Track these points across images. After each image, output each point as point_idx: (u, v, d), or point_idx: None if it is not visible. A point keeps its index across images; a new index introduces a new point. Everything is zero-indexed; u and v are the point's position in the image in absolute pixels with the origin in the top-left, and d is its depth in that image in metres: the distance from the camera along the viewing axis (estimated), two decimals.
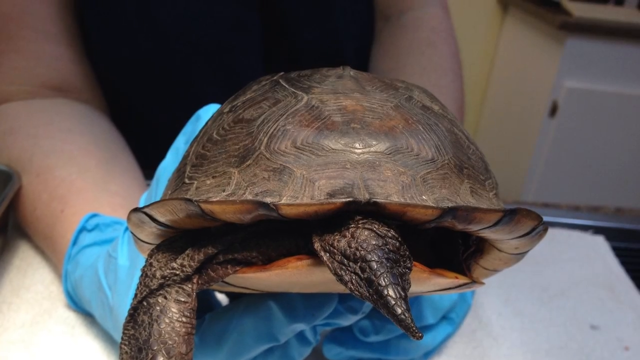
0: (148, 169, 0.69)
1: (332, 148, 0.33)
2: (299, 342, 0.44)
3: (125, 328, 0.37)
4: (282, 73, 0.42)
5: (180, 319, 0.36)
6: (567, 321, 0.66)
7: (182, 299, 0.37)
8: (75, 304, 0.58)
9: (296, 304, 0.40)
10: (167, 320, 0.36)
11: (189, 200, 0.32)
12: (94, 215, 0.58)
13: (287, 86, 0.38)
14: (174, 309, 0.36)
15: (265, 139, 0.34)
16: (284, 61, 0.85)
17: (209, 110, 0.48)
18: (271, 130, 0.35)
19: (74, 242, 0.58)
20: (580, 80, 2.04)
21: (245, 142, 0.35)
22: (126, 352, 0.37)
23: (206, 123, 0.41)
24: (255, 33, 0.81)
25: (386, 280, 0.29)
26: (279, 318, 0.40)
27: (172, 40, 0.77)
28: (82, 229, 0.58)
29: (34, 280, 0.63)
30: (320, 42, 0.85)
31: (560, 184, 2.18)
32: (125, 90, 0.82)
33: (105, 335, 0.57)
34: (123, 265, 0.50)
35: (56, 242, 0.60)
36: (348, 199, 0.31)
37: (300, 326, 0.41)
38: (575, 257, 0.79)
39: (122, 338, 0.37)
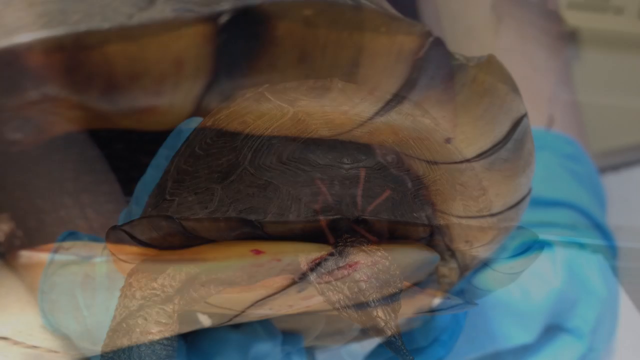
0: (127, 184, 0.67)
1: (319, 163, 0.33)
2: None
3: (103, 351, 0.36)
4: (266, 85, 0.41)
5: (161, 342, 0.35)
6: None
7: (163, 321, 0.36)
8: (51, 325, 0.57)
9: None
10: (147, 343, 0.35)
11: (170, 217, 0.32)
12: (70, 234, 0.57)
13: (272, 99, 0.38)
14: (154, 331, 0.35)
15: (250, 153, 0.34)
16: None
17: (190, 124, 0.47)
18: (256, 144, 0.34)
19: (50, 261, 0.56)
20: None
21: (228, 157, 0.34)
22: None
23: (188, 137, 0.40)
24: None
25: (375, 301, 0.29)
26: (264, 340, 0.39)
27: None
28: (59, 248, 0.56)
29: (8, 300, 0.61)
30: None
31: None
32: None
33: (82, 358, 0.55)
34: (101, 285, 0.48)
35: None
36: (335, 216, 0.30)
37: (286, 348, 0.40)
38: None
39: None
